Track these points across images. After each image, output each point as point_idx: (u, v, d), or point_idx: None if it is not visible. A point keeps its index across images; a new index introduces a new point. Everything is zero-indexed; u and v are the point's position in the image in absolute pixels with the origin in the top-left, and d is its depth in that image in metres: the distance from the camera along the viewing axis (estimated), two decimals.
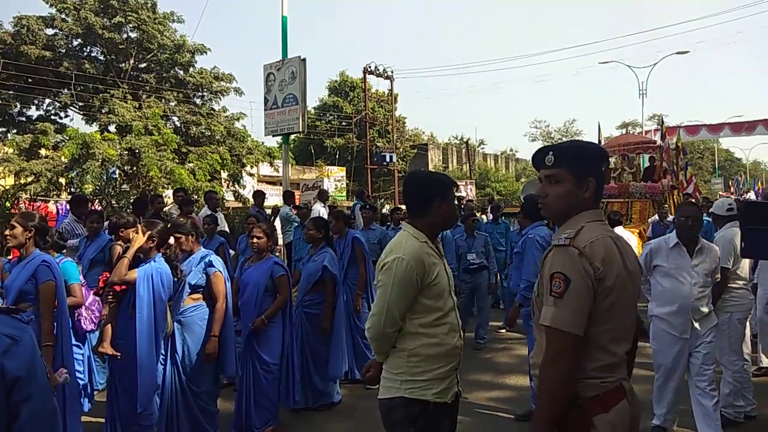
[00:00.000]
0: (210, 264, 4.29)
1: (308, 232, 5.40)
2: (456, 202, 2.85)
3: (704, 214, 9.32)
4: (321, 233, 5.35)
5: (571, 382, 1.87)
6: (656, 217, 9.66)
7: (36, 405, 1.39)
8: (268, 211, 10.21)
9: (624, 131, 44.91)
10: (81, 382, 4.48)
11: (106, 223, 6.13)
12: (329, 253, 5.29)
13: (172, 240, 4.25)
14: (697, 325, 4.10)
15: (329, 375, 5.34)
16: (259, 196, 10.22)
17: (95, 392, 4.97)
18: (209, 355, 4.21)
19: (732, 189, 29.75)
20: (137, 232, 4.03)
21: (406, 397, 2.45)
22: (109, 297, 3.98)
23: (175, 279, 4.14)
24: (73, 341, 4.49)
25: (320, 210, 10.54)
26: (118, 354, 3.93)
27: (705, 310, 4.14)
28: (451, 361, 2.52)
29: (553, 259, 1.94)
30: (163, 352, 4.17)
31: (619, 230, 8.14)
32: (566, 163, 2.03)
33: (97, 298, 4.55)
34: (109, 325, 4.02)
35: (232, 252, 7.52)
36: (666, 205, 10.96)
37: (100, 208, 13.00)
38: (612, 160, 14.33)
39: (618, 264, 1.92)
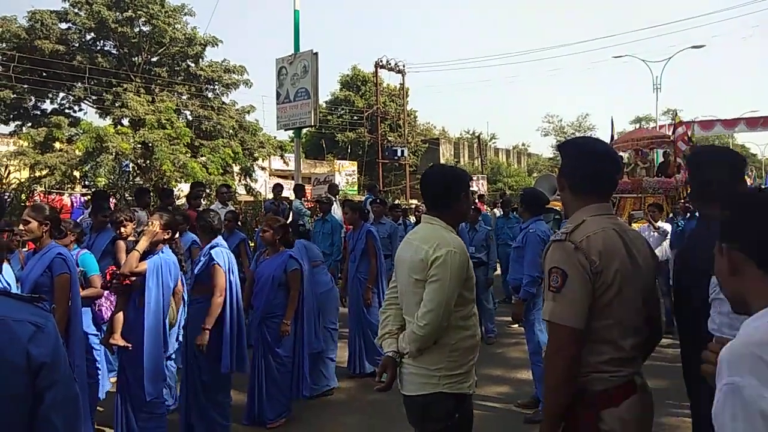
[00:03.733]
0: (212, 257, 4.26)
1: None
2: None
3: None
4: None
5: (571, 375, 1.88)
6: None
7: (60, 391, 1.42)
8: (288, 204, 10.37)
9: (637, 126, 44.44)
10: (99, 371, 4.55)
11: None
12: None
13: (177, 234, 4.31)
14: None
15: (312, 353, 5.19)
16: (277, 188, 10.48)
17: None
18: (198, 347, 4.13)
19: None
20: (149, 225, 4.05)
21: (444, 392, 2.45)
22: (116, 288, 4.04)
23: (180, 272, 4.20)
24: (93, 330, 4.57)
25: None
26: (130, 345, 3.97)
27: None
28: (477, 352, 2.58)
29: (551, 254, 1.97)
30: (177, 342, 4.22)
31: None
32: None
33: None
34: (120, 316, 4.06)
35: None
36: (681, 201, 10.81)
37: (114, 201, 13.13)
38: (625, 155, 14.18)
39: (620, 257, 1.91)
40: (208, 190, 14.62)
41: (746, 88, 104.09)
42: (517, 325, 8.06)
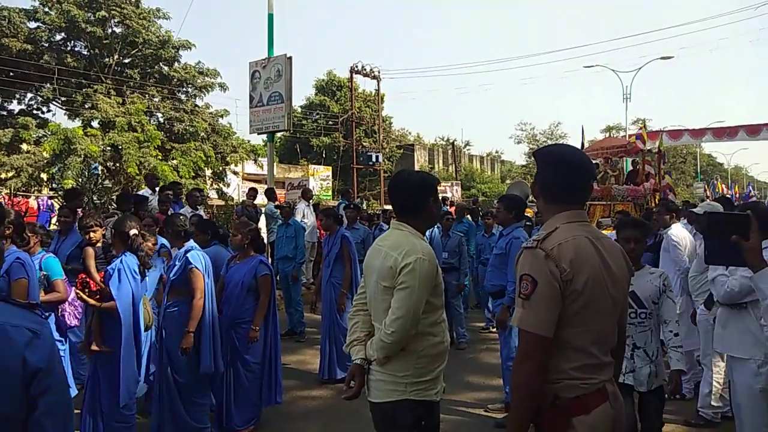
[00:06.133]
0: (188, 260, 4.28)
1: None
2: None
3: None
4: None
5: (538, 381, 1.88)
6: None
7: (53, 397, 1.44)
8: (263, 209, 10.41)
9: (607, 135, 45.16)
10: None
11: None
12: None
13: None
14: None
15: None
16: (251, 192, 10.60)
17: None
18: (183, 350, 4.16)
19: (708, 193, 30.11)
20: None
21: (412, 399, 2.44)
22: (86, 295, 3.99)
23: (146, 270, 4.20)
24: (57, 337, 4.46)
25: (304, 209, 10.52)
26: (107, 348, 3.93)
27: None
28: (445, 358, 2.57)
29: (522, 261, 1.97)
30: (148, 347, 4.20)
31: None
32: None
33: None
34: (95, 323, 4.01)
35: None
36: (649, 206, 11.01)
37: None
38: (595, 163, 14.44)
39: (592, 265, 1.91)
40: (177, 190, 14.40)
41: (713, 99, 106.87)
42: (489, 329, 8.15)
